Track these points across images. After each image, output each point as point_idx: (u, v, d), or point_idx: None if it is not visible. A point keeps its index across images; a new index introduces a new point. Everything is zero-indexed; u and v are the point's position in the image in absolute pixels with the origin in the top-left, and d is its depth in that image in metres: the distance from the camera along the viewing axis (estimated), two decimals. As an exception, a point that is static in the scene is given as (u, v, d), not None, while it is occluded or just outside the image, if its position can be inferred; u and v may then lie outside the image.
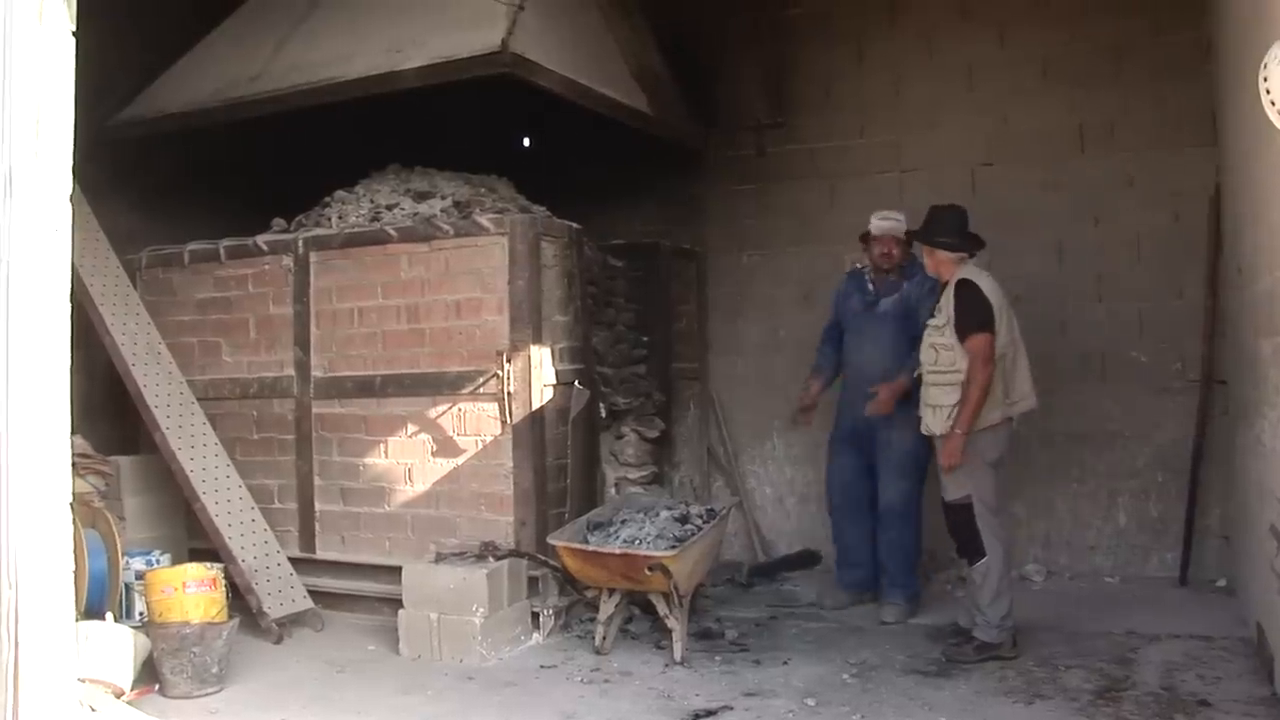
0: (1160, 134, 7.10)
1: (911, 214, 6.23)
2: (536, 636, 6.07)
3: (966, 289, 5.48)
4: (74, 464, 3.94)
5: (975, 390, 5.33)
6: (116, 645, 5.05)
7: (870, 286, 6.60)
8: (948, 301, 5.51)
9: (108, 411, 6.96)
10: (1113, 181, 7.22)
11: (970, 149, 7.56)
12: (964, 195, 7.33)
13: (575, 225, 6.73)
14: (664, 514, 6.01)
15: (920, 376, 5.70)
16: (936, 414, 5.49)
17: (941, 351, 5.49)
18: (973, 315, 5.42)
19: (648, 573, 5.42)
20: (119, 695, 4.90)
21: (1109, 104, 7.22)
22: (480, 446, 6.35)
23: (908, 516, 6.44)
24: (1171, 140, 7.06)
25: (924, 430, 5.61)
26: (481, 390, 6.30)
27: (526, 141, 9.11)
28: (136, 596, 5.97)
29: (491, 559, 5.96)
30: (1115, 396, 7.23)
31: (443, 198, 6.89)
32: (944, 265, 5.67)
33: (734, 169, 8.28)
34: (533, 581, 6.15)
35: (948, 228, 5.69)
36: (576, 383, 6.56)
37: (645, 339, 7.61)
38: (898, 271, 6.50)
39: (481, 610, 5.70)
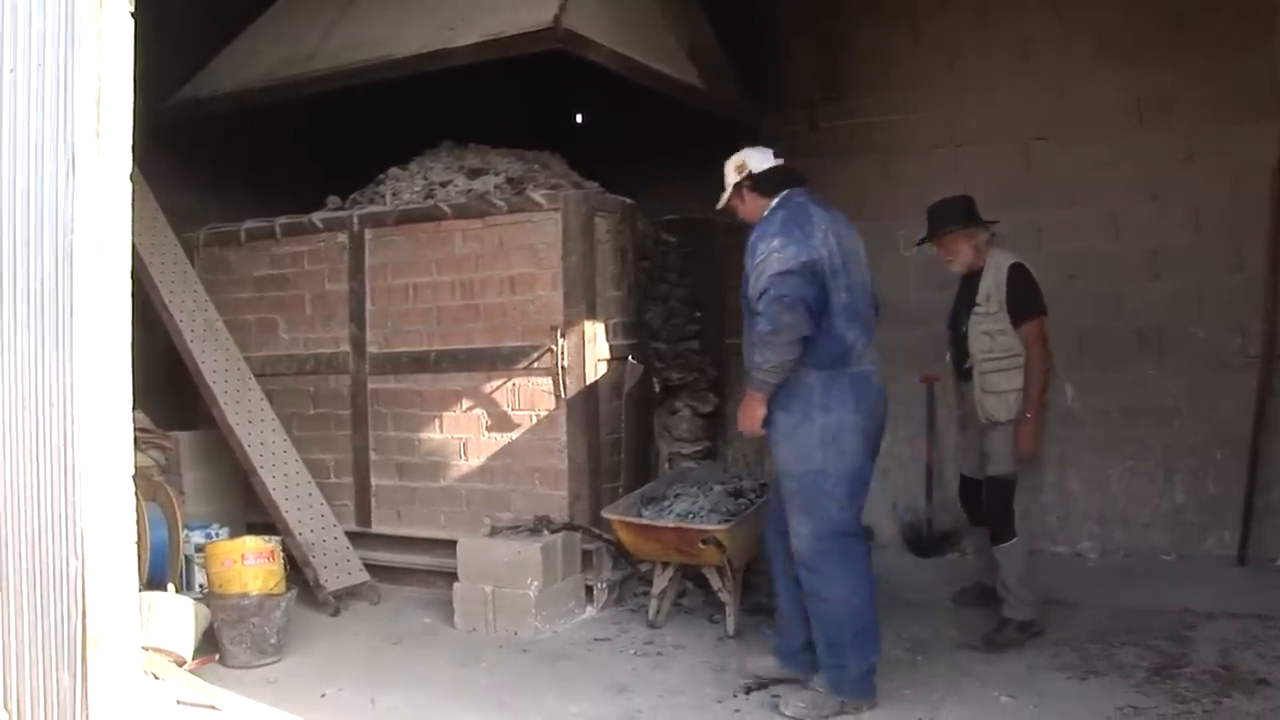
0: (1220, 107, 6.96)
1: (966, 189, 6.13)
2: (590, 610, 6.11)
3: (1022, 272, 5.51)
4: (135, 439, 4.00)
5: (1042, 374, 5.41)
6: (178, 615, 5.15)
7: None
8: (997, 286, 5.49)
9: (167, 388, 7.05)
10: (1171, 155, 7.09)
11: (1025, 123, 7.46)
12: (1018, 170, 7.34)
13: (628, 200, 6.75)
14: (717, 488, 6.03)
15: (971, 367, 5.60)
16: (1002, 400, 5.44)
17: (998, 337, 5.47)
18: (1029, 298, 5.48)
19: (701, 546, 5.43)
20: (181, 664, 5.00)
21: (1168, 77, 7.08)
22: (535, 421, 6.39)
23: None
24: (1232, 113, 6.92)
25: (984, 419, 5.50)
26: (536, 365, 6.34)
27: (580, 118, 9.11)
28: (196, 568, 6.07)
29: (546, 533, 6.01)
30: (1172, 373, 7.13)
31: (496, 174, 6.92)
32: (980, 251, 5.62)
33: (787, 144, 8.11)
34: (586, 555, 6.20)
35: (972, 211, 5.68)
36: (630, 358, 6.58)
37: (698, 314, 7.61)
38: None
39: (536, 583, 5.75)
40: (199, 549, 6.02)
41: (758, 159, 4.91)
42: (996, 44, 7.57)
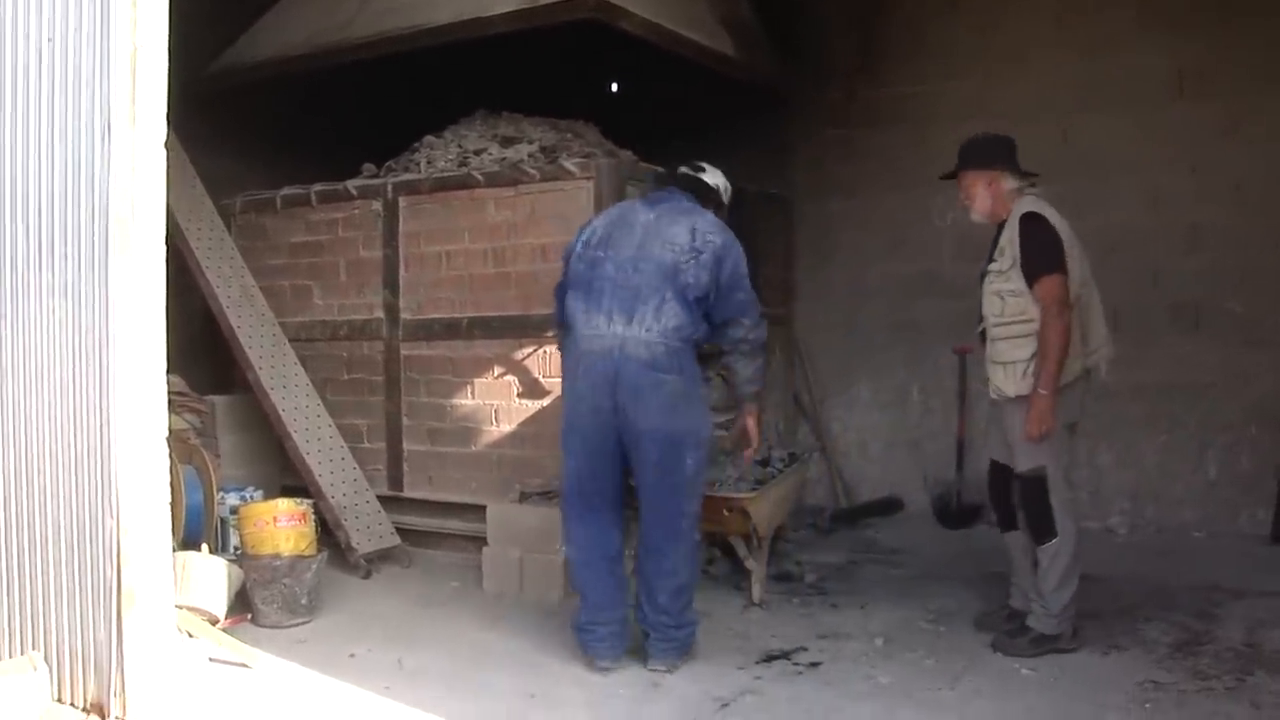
0: (1263, 78, 6.85)
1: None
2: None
3: (1032, 223, 4.73)
4: (171, 402, 4.07)
5: (1056, 341, 4.58)
6: (212, 575, 5.22)
7: None
8: (1010, 241, 4.75)
9: (203, 352, 7.16)
10: (1211, 128, 6.99)
11: (1061, 94, 7.38)
12: (1054, 142, 7.25)
13: (661, 169, 6.73)
14: (745, 457, 6.04)
15: (984, 331, 4.96)
16: (1009, 371, 4.75)
17: (1009, 299, 4.74)
18: (1042, 253, 4.67)
19: (726, 514, 5.45)
20: (214, 623, 5.07)
21: (1209, 47, 6.98)
22: (564, 388, 6.41)
23: None
24: (1275, 84, 6.81)
25: (993, 394, 4.89)
26: (567, 333, 6.36)
27: (614, 87, 9.11)
28: (231, 530, 6.15)
29: (574, 499, 6.04)
30: (1209, 348, 7.07)
31: (529, 142, 6.93)
32: (1002, 200, 4.89)
33: (821, 114, 8.21)
34: (614, 523, 6.22)
35: (1004, 154, 4.96)
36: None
37: (730, 284, 7.59)
38: None
39: (563, 549, 5.79)
40: (233, 511, 6.09)
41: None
42: (1032, 14, 7.50)
